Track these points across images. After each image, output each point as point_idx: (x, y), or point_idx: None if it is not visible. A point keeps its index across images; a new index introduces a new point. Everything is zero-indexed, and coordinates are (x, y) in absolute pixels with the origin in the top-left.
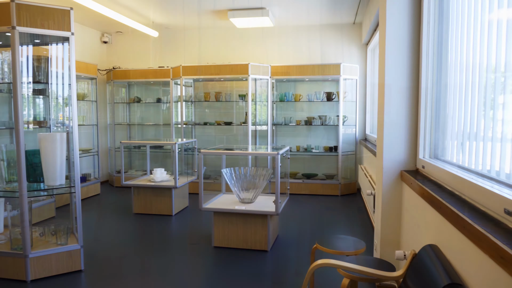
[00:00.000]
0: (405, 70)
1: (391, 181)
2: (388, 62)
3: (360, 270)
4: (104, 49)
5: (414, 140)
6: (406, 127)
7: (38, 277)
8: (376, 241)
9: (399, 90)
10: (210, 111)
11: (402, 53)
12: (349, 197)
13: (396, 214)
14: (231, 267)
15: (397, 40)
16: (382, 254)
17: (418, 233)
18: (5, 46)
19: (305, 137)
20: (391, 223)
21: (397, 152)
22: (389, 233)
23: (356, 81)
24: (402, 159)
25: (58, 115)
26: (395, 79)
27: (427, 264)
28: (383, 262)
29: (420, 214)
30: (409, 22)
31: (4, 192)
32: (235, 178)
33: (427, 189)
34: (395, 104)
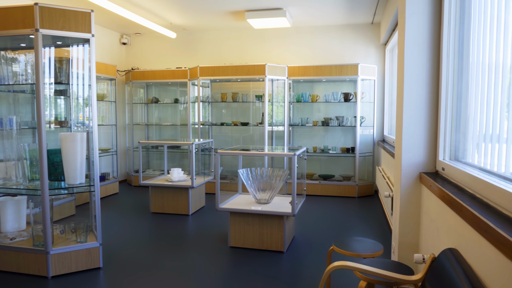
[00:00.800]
0: (424, 70)
1: (409, 183)
2: (407, 62)
3: (377, 273)
4: (123, 50)
5: (433, 141)
6: (426, 129)
7: (58, 273)
8: (394, 243)
9: (418, 91)
10: (227, 111)
11: (422, 53)
12: (366, 199)
13: (415, 217)
14: (247, 267)
15: (416, 39)
16: (400, 257)
17: (437, 236)
18: (28, 48)
19: (322, 138)
20: (410, 225)
21: (416, 153)
22: (407, 236)
23: (374, 81)
24: (421, 161)
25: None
26: (414, 80)
27: (447, 269)
28: (401, 265)
29: (440, 217)
30: (429, 22)
31: (27, 190)
32: (252, 179)
33: (447, 191)
34: (414, 105)
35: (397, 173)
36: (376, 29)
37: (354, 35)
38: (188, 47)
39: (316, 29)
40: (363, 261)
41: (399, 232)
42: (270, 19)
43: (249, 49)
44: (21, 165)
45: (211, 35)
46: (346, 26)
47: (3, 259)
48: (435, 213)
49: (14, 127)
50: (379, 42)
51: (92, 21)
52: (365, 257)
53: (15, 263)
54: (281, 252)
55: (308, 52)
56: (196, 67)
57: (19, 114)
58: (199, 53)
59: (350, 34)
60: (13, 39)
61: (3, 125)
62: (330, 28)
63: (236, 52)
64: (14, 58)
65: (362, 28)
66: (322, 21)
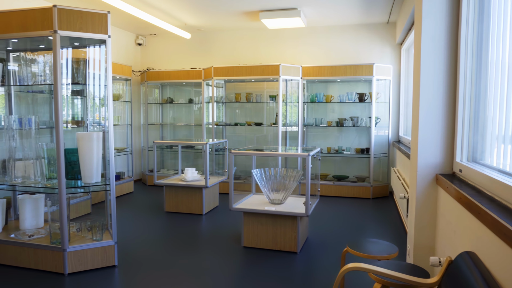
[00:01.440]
0: (441, 69)
1: (425, 185)
2: (423, 62)
3: (392, 276)
4: (138, 51)
5: (450, 142)
6: (442, 129)
7: (75, 270)
8: (409, 246)
9: (434, 91)
10: (241, 111)
11: (439, 52)
12: (381, 200)
13: (431, 219)
14: (260, 268)
15: (433, 39)
16: (415, 260)
17: (454, 239)
18: (47, 49)
19: (336, 139)
20: (425, 228)
21: (432, 154)
22: (423, 238)
23: (389, 81)
24: (437, 162)
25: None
26: (430, 79)
27: (465, 272)
28: (416, 268)
29: (457, 219)
30: (446, 21)
31: (45, 188)
32: (265, 179)
33: (465, 193)
34: (431, 105)
35: (413, 174)
36: (392, 29)
37: (369, 35)
38: (202, 47)
39: (331, 29)
40: (377, 263)
41: (414, 234)
42: (284, 19)
43: (263, 49)
44: (39, 164)
45: (225, 35)
46: (361, 25)
47: (21, 256)
48: (452, 216)
49: (33, 127)
50: (395, 41)
51: (109, 23)
52: (379, 259)
53: (33, 260)
54: (294, 253)
55: (323, 52)
56: (210, 68)
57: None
58: (213, 54)
59: (365, 34)
60: (32, 40)
61: (22, 125)
62: (345, 28)
63: (250, 52)
64: (33, 59)
65: (378, 27)
66: (337, 21)
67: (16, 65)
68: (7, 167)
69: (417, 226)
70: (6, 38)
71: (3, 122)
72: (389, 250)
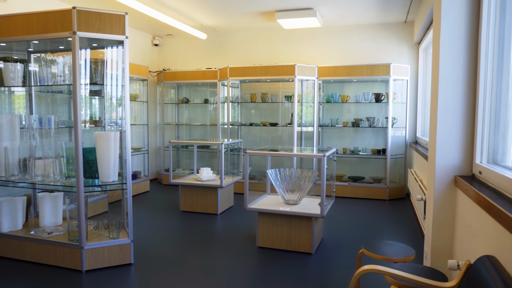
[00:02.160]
0: (460, 69)
1: (443, 187)
2: (442, 61)
3: (409, 279)
4: (155, 51)
5: (470, 144)
6: (461, 130)
7: (92, 267)
8: (427, 248)
9: (453, 91)
10: (256, 112)
11: (458, 51)
12: (398, 201)
13: (449, 222)
14: (274, 268)
15: (452, 38)
16: (433, 263)
17: (473, 242)
18: (66, 50)
19: (352, 139)
20: (443, 230)
21: (451, 156)
22: (440, 241)
23: (406, 81)
24: (456, 163)
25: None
26: (449, 79)
27: (484, 276)
28: (434, 271)
29: (476, 222)
30: (466, 19)
31: (63, 186)
32: (280, 179)
33: (485, 196)
34: (450, 106)
35: (431, 176)
36: (410, 28)
37: (386, 34)
38: (218, 47)
39: (347, 28)
40: (394, 266)
41: (432, 237)
42: (300, 19)
43: (278, 49)
44: (59, 162)
45: (241, 35)
46: (378, 25)
47: (41, 252)
48: (471, 219)
49: (53, 126)
50: (413, 41)
51: (126, 24)
52: (396, 262)
53: (52, 256)
54: (309, 254)
55: (339, 52)
56: (226, 68)
57: (57, 114)
58: (229, 54)
59: (382, 33)
60: (52, 41)
61: (42, 124)
62: (361, 28)
63: (266, 53)
64: (53, 60)
65: (395, 27)
66: (353, 21)
67: (37, 66)
68: (27, 166)
69: (435, 228)
70: (28, 39)
71: (24, 121)
72: (406, 253)
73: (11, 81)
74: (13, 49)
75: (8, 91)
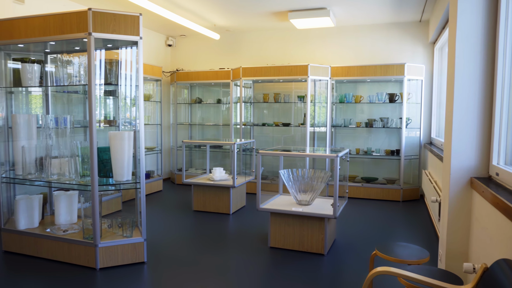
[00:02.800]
0: (477, 69)
1: (459, 188)
2: (458, 61)
3: (424, 281)
4: (168, 52)
5: (486, 145)
6: (478, 131)
7: (105, 265)
8: (441, 251)
9: (470, 91)
10: (269, 112)
11: (474, 51)
12: (411, 203)
13: (465, 224)
14: (286, 269)
15: (469, 37)
16: (447, 266)
17: (490, 245)
18: (81, 51)
19: (365, 140)
20: (459, 233)
21: (466, 157)
22: (456, 243)
23: (421, 81)
24: (472, 165)
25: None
26: (465, 79)
27: (501, 280)
28: (449, 274)
29: (493, 225)
30: (483, 18)
31: (78, 185)
32: (293, 180)
33: (502, 198)
34: (466, 106)
35: (446, 177)
36: (425, 27)
37: (401, 33)
38: (231, 48)
39: (361, 28)
40: (407, 268)
41: (447, 239)
42: (313, 19)
43: (291, 49)
44: (74, 161)
45: (254, 36)
46: (392, 24)
47: (56, 250)
48: (488, 221)
49: (68, 126)
50: (428, 40)
51: (140, 24)
52: (409, 264)
53: (67, 254)
54: (321, 255)
55: (352, 52)
56: (238, 68)
57: (72, 114)
58: (242, 54)
59: (396, 33)
60: (68, 42)
61: (58, 124)
62: (375, 27)
63: (279, 53)
64: (69, 60)
65: (409, 26)
66: (367, 20)
67: (53, 67)
68: (44, 165)
69: (450, 230)
70: (45, 40)
71: (41, 121)
72: (420, 255)
73: (29, 82)
74: (30, 50)
75: (25, 91)
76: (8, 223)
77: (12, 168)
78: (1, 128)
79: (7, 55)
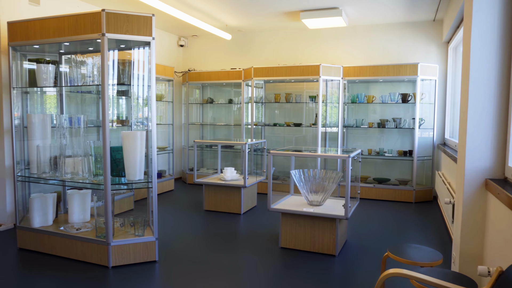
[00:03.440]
0: (492, 68)
1: (473, 190)
2: (473, 60)
3: (437, 284)
4: (180, 52)
5: (502, 146)
6: (493, 132)
7: (118, 264)
8: (455, 253)
9: (485, 91)
10: (280, 112)
11: (490, 50)
12: (424, 204)
13: (479, 226)
14: (297, 270)
15: (484, 35)
16: (461, 268)
17: (506, 248)
18: (94, 51)
19: (377, 140)
20: (473, 235)
21: (481, 158)
22: (470, 246)
23: (435, 81)
24: (487, 166)
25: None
26: (480, 79)
27: None
28: (462, 277)
29: (509, 228)
30: (499, 17)
31: (91, 184)
32: (304, 180)
33: None
34: (481, 106)
35: (460, 178)
36: (438, 27)
37: (414, 33)
38: (242, 48)
39: (373, 27)
40: (420, 270)
41: (460, 242)
42: (325, 19)
43: (303, 49)
44: (87, 161)
45: (265, 36)
46: (405, 24)
47: (70, 248)
48: (504, 224)
49: (82, 126)
50: (441, 40)
51: (153, 25)
52: (422, 266)
53: (80, 252)
54: (332, 256)
55: (364, 52)
56: (250, 68)
57: (86, 113)
58: (253, 54)
59: (410, 32)
60: (82, 43)
61: (72, 124)
62: (388, 27)
63: (290, 53)
64: (82, 61)
65: (423, 25)
66: (380, 20)
67: (67, 67)
68: (58, 164)
69: (464, 233)
70: (59, 41)
71: (55, 120)
72: (433, 257)
73: (44, 82)
74: (45, 51)
75: (40, 92)
76: (23, 221)
77: (27, 167)
78: (16, 128)
79: (23, 56)
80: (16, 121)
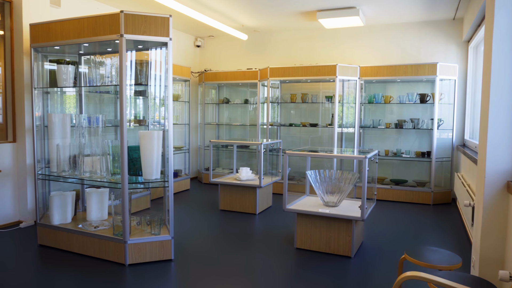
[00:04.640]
0: None
1: (494, 192)
2: (495, 60)
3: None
4: (197, 52)
5: None
6: None
7: (134, 262)
8: (474, 257)
9: (507, 91)
10: (296, 112)
11: None
12: (442, 207)
13: (500, 229)
14: (312, 271)
15: (507, 34)
16: (481, 273)
17: None
18: (113, 52)
19: (394, 141)
20: (494, 238)
21: (503, 160)
22: (490, 249)
23: (454, 81)
24: (509, 168)
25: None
26: (502, 79)
27: None
28: (483, 282)
29: None
30: None
31: (109, 183)
32: (320, 181)
33: None
34: (502, 106)
35: (480, 181)
36: (458, 25)
37: (433, 32)
38: (258, 48)
39: (391, 27)
40: (438, 273)
41: (480, 245)
42: (342, 19)
43: (319, 49)
44: (105, 160)
45: (282, 36)
46: (424, 23)
47: (87, 245)
48: None
49: (100, 125)
50: (461, 39)
51: (170, 26)
52: (440, 269)
53: (98, 249)
54: (348, 257)
55: (382, 52)
56: (266, 68)
57: (104, 113)
58: (270, 54)
59: (428, 31)
60: (100, 44)
61: (91, 123)
62: (406, 26)
63: (306, 53)
64: (101, 61)
65: (442, 24)
66: (397, 19)
67: (86, 68)
68: (77, 162)
69: (484, 236)
70: (79, 42)
71: (74, 120)
72: (451, 260)
73: (64, 82)
74: (65, 52)
75: (60, 92)
76: (43, 218)
77: (47, 165)
78: (38, 127)
79: (44, 57)
80: (37, 121)
